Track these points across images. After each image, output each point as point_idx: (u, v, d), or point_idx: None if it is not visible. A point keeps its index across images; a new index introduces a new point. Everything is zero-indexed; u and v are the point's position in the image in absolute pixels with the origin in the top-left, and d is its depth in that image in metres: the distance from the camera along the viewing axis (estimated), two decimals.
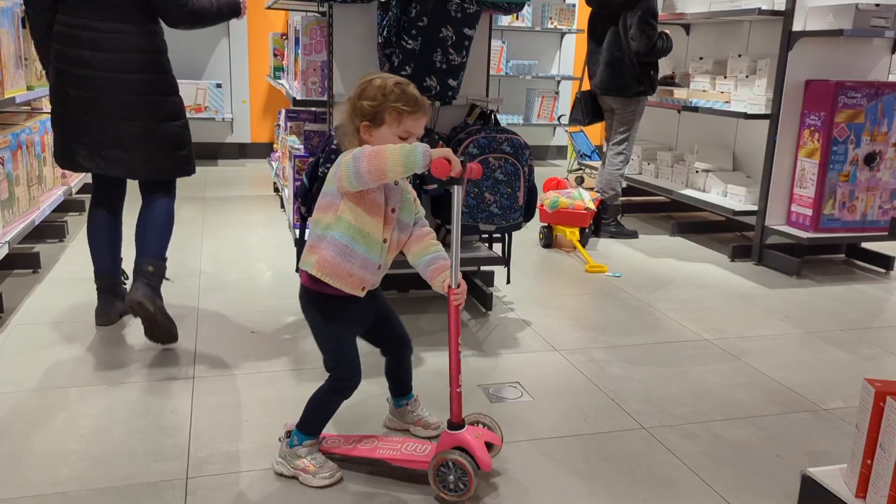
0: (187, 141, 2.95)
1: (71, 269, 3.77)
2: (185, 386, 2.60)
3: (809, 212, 4.16)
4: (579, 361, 2.93)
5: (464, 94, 3.25)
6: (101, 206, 3.02)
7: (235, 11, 3.01)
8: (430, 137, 3.10)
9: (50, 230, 4.26)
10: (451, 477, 1.92)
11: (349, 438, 2.17)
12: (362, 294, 1.98)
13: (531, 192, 3.18)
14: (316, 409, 2.08)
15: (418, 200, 2.08)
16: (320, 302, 1.99)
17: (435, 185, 3.00)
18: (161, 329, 2.82)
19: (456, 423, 1.98)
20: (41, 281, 3.62)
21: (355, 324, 2.06)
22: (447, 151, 1.83)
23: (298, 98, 3.64)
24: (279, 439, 2.14)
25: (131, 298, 2.77)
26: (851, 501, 1.77)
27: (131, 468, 2.09)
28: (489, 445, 2.06)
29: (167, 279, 2.97)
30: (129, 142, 2.79)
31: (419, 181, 2.97)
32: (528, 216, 3.22)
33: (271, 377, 2.70)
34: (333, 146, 2.85)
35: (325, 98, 3.41)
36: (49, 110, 4.47)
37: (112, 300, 3.05)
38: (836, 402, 2.64)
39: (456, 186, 1.90)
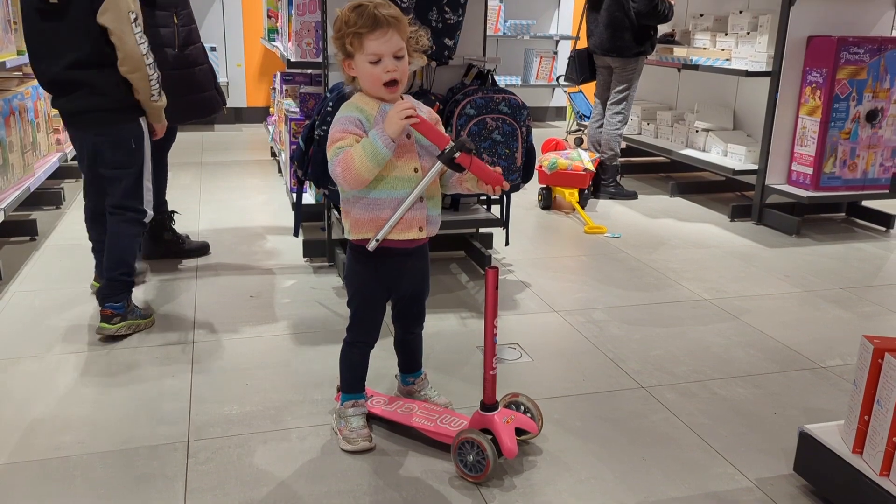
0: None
1: (68, 236, 3.76)
2: (185, 350, 2.61)
3: (810, 170, 4.13)
4: (578, 322, 2.93)
5: (460, 53, 3.20)
6: None
7: None
8: (426, 98, 3.06)
9: (46, 197, 4.24)
10: (471, 457, 1.90)
11: (393, 401, 2.18)
12: (420, 235, 1.93)
13: (529, 153, 3.15)
14: (343, 367, 2.09)
15: (440, 123, 1.99)
16: (359, 250, 1.96)
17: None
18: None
19: (488, 405, 1.95)
20: (39, 248, 3.62)
21: (386, 279, 2.00)
22: (394, 116, 1.77)
23: (293, 60, 3.58)
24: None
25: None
26: (848, 457, 1.78)
27: (133, 432, 2.11)
28: (521, 431, 2.02)
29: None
30: None
31: None
32: (526, 177, 3.19)
33: (271, 341, 2.71)
34: (329, 108, 2.82)
35: (319, 59, 3.36)
36: None
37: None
38: (834, 360, 2.65)
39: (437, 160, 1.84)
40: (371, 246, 1.90)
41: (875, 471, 1.71)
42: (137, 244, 2.82)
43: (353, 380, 2.10)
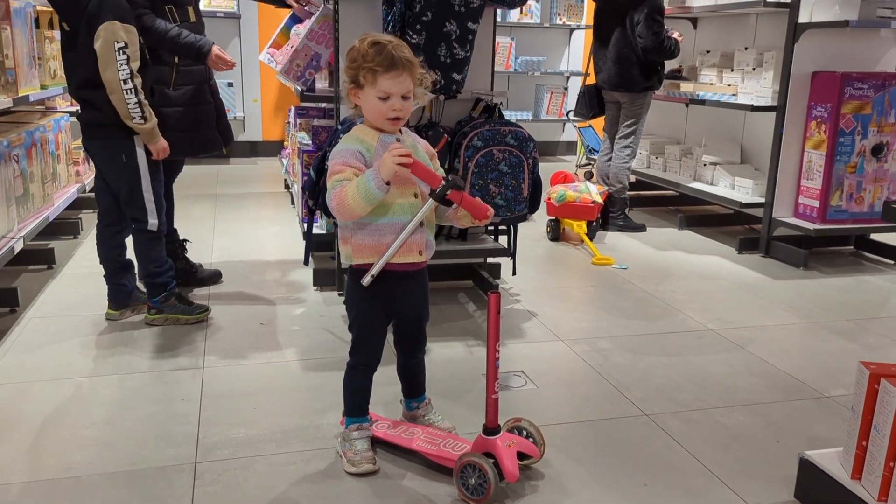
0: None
1: (84, 265, 3.84)
2: (195, 375, 2.65)
3: (816, 203, 4.16)
4: (583, 351, 2.95)
5: (469, 88, 3.28)
6: None
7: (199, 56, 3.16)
8: (434, 131, 3.14)
9: (64, 227, 4.34)
10: (473, 480, 1.92)
11: (397, 424, 2.21)
12: (421, 258, 2.00)
13: (536, 184, 3.21)
14: (347, 391, 2.14)
15: (436, 158, 2.07)
16: (356, 273, 2.01)
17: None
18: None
19: (491, 429, 1.98)
20: (55, 276, 3.70)
21: (386, 302, 2.05)
22: (388, 160, 1.83)
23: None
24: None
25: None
26: (847, 483, 1.79)
27: (142, 453, 2.15)
28: (524, 455, 2.05)
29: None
30: None
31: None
32: (532, 208, 3.25)
33: (279, 367, 2.75)
34: (339, 139, 2.90)
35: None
36: (63, 109, 4.56)
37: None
38: (838, 390, 2.66)
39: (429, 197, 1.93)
40: (366, 281, 1.96)
41: (873, 496, 1.72)
42: (154, 250, 3.06)
43: (356, 403, 2.14)
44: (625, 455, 2.20)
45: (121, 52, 2.70)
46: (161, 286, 3.07)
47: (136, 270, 3.22)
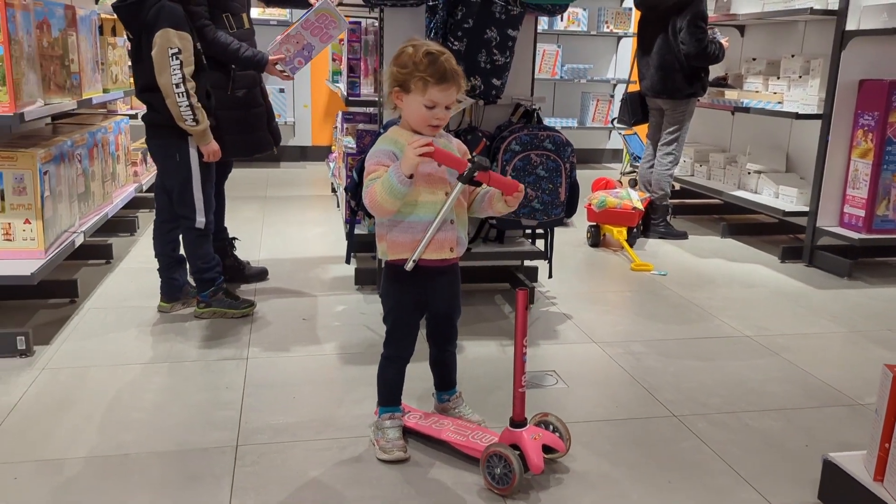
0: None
1: (139, 261, 4.03)
2: (239, 366, 2.78)
3: (862, 213, 4.10)
4: (616, 353, 2.99)
5: (509, 93, 3.35)
6: None
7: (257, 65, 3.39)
8: (473, 135, 3.22)
9: (122, 224, 4.55)
10: (498, 470, 1.99)
11: (428, 416, 2.30)
12: (453, 255, 2.08)
13: (573, 188, 3.26)
14: (380, 381, 2.23)
15: (468, 154, 2.12)
16: (395, 269, 2.10)
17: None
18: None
19: (517, 422, 2.05)
20: (112, 270, 3.89)
21: (420, 296, 2.13)
22: (409, 152, 1.88)
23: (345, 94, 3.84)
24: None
25: None
26: (870, 485, 1.80)
27: (187, 435, 2.27)
28: (549, 449, 2.11)
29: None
30: None
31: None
32: (569, 212, 3.30)
33: (319, 360, 2.86)
34: None
35: (375, 97, 3.58)
36: (123, 112, 4.78)
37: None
38: (873, 398, 2.63)
39: (458, 182, 1.98)
40: (409, 266, 2.04)
41: (895, 498, 1.73)
42: (202, 248, 3.21)
43: (389, 393, 2.23)
44: (651, 454, 2.24)
45: (174, 57, 2.86)
46: (209, 281, 3.22)
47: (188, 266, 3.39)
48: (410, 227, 2.03)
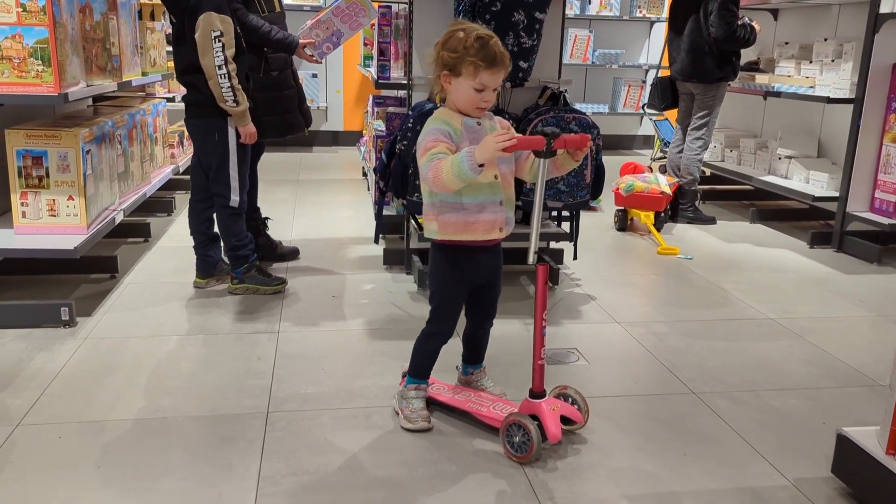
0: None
1: (176, 240, 4.16)
2: (270, 339, 2.88)
3: (893, 198, 4.07)
4: (639, 333, 3.03)
5: (536, 76, 3.39)
6: None
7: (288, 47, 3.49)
8: (501, 116, 3.26)
9: (159, 205, 4.69)
10: (517, 438, 2.06)
11: (452, 388, 2.37)
12: (501, 235, 2.14)
13: (598, 171, 3.29)
14: (416, 354, 2.29)
15: (512, 130, 2.14)
16: (443, 248, 2.16)
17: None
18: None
19: (536, 393, 2.11)
20: (150, 248, 4.03)
21: (466, 274, 2.19)
22: (492, 144, 1.91)
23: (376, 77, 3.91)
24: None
25: None
26: (882, 458, 1.83)
27: (221, 402, 2.38)
28: (568, 420, 2.18)
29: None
30: None
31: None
32: (595, 194, 3.34)
33: (348, 335, 2.95)
34: (409, 124, 3.07)
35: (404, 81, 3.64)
36: (161, 95, 4.91)
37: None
38: None
39: (540, 160, 2.00)
40: (531, 260, 2.02)
41: None
42: (235, 225, 3.32)
43: (422, 366, 2.29)
44: (668, 428, 2.29)
45: (216, 40, 2.96)
46: (242, 258, 3.33)
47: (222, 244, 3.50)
48: (461, 209, 2.08)
